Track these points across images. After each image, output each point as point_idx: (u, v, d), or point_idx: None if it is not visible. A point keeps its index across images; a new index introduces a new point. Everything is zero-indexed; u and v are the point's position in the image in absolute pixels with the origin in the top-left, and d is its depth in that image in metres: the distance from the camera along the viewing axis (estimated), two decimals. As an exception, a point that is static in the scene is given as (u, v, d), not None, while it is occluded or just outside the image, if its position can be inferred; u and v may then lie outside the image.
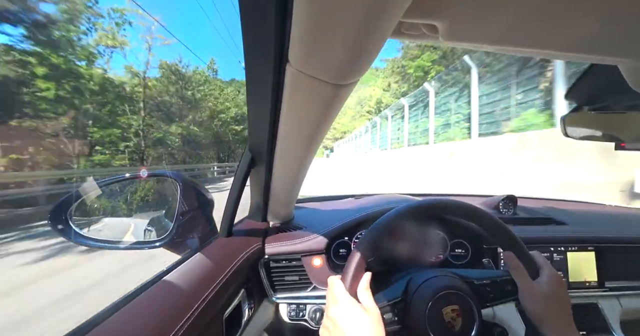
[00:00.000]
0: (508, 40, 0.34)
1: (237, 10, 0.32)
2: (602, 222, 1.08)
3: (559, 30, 0.31)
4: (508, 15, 0.30)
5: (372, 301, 0.49)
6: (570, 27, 0.31)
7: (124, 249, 0.71)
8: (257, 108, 0.52)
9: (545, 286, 0.55)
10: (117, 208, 0.84)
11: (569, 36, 0.32)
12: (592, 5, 0.28)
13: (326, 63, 0.34)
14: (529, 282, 0.56)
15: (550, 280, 0.56)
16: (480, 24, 0.32)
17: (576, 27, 0.31)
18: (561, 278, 0.57)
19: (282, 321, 0.85)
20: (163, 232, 0.71)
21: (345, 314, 0.47)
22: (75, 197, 0.68)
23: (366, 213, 0.92)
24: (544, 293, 0.54)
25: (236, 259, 0.69)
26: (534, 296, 0.55)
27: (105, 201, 0.81)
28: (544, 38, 0.33)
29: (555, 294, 0.54)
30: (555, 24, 0.30)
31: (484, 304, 0.59)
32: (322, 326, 0.51)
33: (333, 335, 0.47)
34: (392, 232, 0.57)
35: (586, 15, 0.29)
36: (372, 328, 0.45)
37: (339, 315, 0.48)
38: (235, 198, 0.74)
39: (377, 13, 0.26)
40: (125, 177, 0.78)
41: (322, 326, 0.51)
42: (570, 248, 0.89)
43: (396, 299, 0.56)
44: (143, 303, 0.48)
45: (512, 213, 1.10)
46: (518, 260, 0.58)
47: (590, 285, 0.88)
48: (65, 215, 0.65)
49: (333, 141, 54.95)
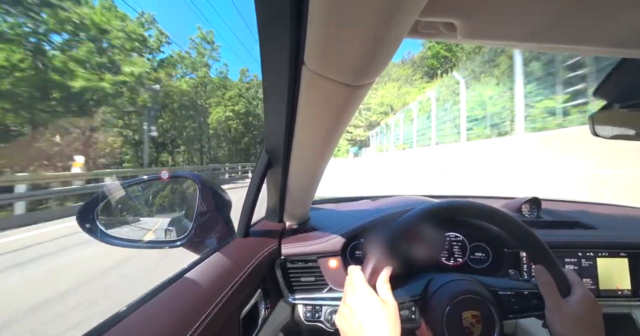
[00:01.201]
0: (528, 37, 0.33)
1: (253, 13, 0.32)
2: (635, 226, 1.01)
3: (581, 24, 0.30)
4: (528, 13, 0.29)
5: (390, 294, 0.48)
6: (594, 20, 0.29)
7: (145, 248, 0.74)
8: (274, 110, 0.53)
9: (577, 307, 0.50)
10: (140, 209, 0.87)
11: (591, 30, 0.31)
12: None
13: (342, 64, 0.34)
14: (559, 300, 0.52)
15: (583, 300, 0.51)
16: (499, 21, 0.31)
17: (600, 20, 0.29)
18: (596, 301, 0.52)
19: (298, 322, 0.85)
20: (183, 232, 0.73)
21: (363, 303, 0.47)
22: (101, 198, 0.72)
23: (383, 215, 0.91)
24: (575, 314, 0.50)
25: (253, 259, 0.70)
26: (563, 315, 0.50)
27: (129, 201, 0.84)
28: (569, 32, 0.32)
29: (587, 317, 0.50)
30: (577, 18, 0.29)
31: (506, 315, 0.56)
32: (338, 313, 0.50)
33: (349, 322, 0.47)
34: (411, 233, 0.56)
35: (610, 8, 0.27)
36: (389, 320, 0.45)
37: (357, 303, 0.47)
38: (252, 199, 0.75)
39: (393, 12, 0.26)
40: (148, 179, 0.81)
41: (339, 314, 0.50)
42: (600, 254, 0.84)
43: (415, 297, 0.55)
44: (164, 300, 0.50)
45: (536, 216, 1.06)
46: (549, 275, 0.54)
47: (623, 294, 0.83)
48: (93, 214, 0.69)
49: (366, 130, 37.54)
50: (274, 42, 0.36)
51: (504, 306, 0.56)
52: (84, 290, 2.75)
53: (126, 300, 0.48)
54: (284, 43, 0.35)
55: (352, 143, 42.90)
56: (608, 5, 0.27)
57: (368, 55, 0.32)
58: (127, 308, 0.47)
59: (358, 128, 39.72)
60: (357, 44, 0.30)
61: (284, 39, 0.34)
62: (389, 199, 1.24)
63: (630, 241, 0.86)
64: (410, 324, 0.55)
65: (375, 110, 37.92)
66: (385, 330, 0.44)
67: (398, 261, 0.83)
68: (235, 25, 67.12)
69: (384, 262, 0.51)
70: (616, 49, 0.33)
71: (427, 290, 0.57)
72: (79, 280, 2.99)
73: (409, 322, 0.54)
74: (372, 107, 37.90)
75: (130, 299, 0.49)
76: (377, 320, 0.45)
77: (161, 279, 0.57)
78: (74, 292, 2.69)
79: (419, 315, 0.54)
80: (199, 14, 54.09)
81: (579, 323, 0.49)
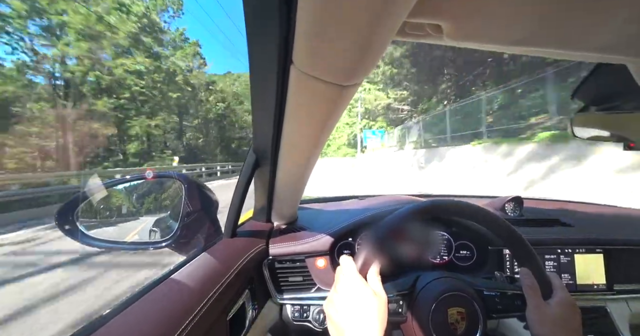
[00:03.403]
0: (513, 39, 0.34)
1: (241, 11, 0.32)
2: (611, 224, 1.06)
3: (565, 30, 0.31)
4: (513, 15, 0.30)
5: (381, 286, 0.49)
6: (578, 26, 0.30)
7: (129, 249, 0.72)
8: (262, 109, 0.52)
9: (557, 309, 0.52)
10: (123, 209, 0.85)
11: (575, 35, 0.32)
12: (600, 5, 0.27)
13: (330, 64, 0.34)
14: (540, 302, 0.53)
15: (563, 303, 0.53)
16: (484, 24, 0.31)
17: (583, 27, 0.30)
18: (576, 305, 0.54)
19: (286, 322, 0.85)
20: (168, 233, 0.72)
21: (355, 291, 0.47)
22: (82, 198, 0.69)
23: (370, 214, 0.91)
24: (555, 316, 0.52)
25: (240, 260, 0.69)
26: (543, 317, 0.52)
27: (111, 202, 0.82)
28: (550, 37, 0.33)
29: (566, 319, 0.52)
30: (561, 23, 0.30)
31: (490, 314, 0.58)
32: (327, 299, 0.50)
33: (338, 308, 0.47)
34: (398, 232, 0.56)
35: (593, 15, 0.29)
36: (379, 311, 0.45)
37: (348, 290, 0.47)
38: (239, 199, 0.74)
39: (382, 13, 0.26)
40: (131, 178, 0.79)
41: (328, 300, 0.50)
42: (577, 251, 0.88)
43: (403, 292, 0.56)
44: (149, 303, 0.48)
45: (519, 215, 1.09)
46: (533, 278, 0.55)
47: (599, 288, 0.86)
48: (72, 215, 0.66)
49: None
50: (262, 40, 0.36)
51: (488, 306, 0.58)
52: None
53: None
54: (272, 42, 0.34)
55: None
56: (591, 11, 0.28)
57: (357, 56, 0.32)
58: (110, 311, 0.45)
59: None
60: (345, 43, 0.30)
61: (273, 37, 0.34)
62: (376, 198, 1.25)
63: (606, 238, 0.90)
64: (398, 317, 0.55)
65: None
66: (374, 319, 0.44)
67: (386, 259, 0.84)
68: (223, 22, 66.00)
69: (375, 257, 0.51)
70: (600, 54, 0.35)
71: (414, 286, 0.58)
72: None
73: (396, 316, 0.55)
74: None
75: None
76: (366, 308, 0.45)
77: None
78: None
79: (405, 309, 0.55)
80: (189, 11, 52.52)
81: (558, 325, 0.51)
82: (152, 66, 22.36)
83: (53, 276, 3.12)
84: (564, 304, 0.53)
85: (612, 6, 0.27)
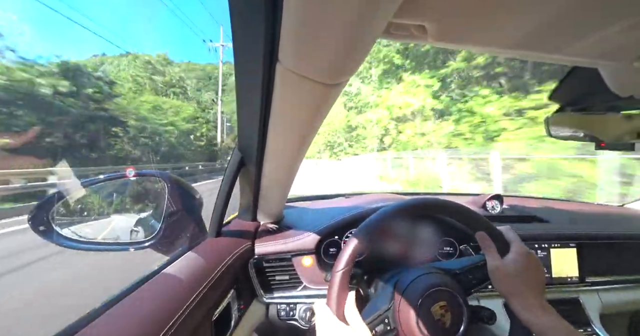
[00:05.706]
0: (494, 42, 0.35)
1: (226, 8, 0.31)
2: (585, 220, 1.11)
3: (542, 34, 0.32)
4: (495, 18, 0.31)
5: (360, 321, 0.49)
6: (554, 31, 0.32)
7: (108, 250, 0.69)
8: (247, 108, 0.51)
9: (512, 264, 0.54)
10: (102, 209, 0.82)
11: (552, 41, 0.33)
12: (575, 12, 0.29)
13: (317, 62, 0.34)
14: (497, 260, 0.55)
15: (518, 256, 0.54)
16: (467, 26, 0.32)
17: (560, 32, 0.32)
18: (529, 251, 0.56)
19: (273, 321, 0.85)
20: (150, 233, 0.70)
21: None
22: (58, 197, 0.66)
23: (356, 212, 0.92)
24: (514, 271, 0.53)
25: (225, 259, 0.68)
26: (503, 273, 0.54)
27: (89, 201, 0.79)
28: (529, 41, 0.34)
29: (525, 271, 0.53)
30: (539, 28, 0.31)
31: (469, 292, 0.60)
32: None
33: None
34: (381, 231, 0.57)
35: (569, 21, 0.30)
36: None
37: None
38: (224, 198, 0.73)
39: (367, 13, 0.26)
40: (111, 177, 0.76)
41: None
42: (553, 245, 0.92)
43: (385, 308, 0.57)
44: (131, 304, 0.47)
45: (499, 212, 1.13)
46: (489, 239, 0.58)
47: (572, 281, 0.91)
48: (47, 216, 0.63)
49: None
50: (248, 39, 0.36)
51: (464, 285, 0.60)
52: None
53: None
54: (258, 39, 0.34)
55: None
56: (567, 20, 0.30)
57: (342, 54, 0.32)
58: (91, 312, 0.44)
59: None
60: (331, 42, 0.30)
61: (259, 35, 0.33)
62: (362, 197, 1.26)
63: (578, 232, 0.94)
64: (390, 334, 0.55)
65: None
66: None
67: (369, 259, 0.85)
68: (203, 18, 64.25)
69: (346, 288, 0.51)
70: (575, 58, 0.36)
71: (394, 296, 0.58)
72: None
73: (387, 334, 0.55)
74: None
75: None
76: None
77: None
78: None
79: (393, 322, 0.55)
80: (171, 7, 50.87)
81: (517, 278, 0.52)
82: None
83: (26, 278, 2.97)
84: (520, 256, 0.54)
85: (586, 16, 0.29)
